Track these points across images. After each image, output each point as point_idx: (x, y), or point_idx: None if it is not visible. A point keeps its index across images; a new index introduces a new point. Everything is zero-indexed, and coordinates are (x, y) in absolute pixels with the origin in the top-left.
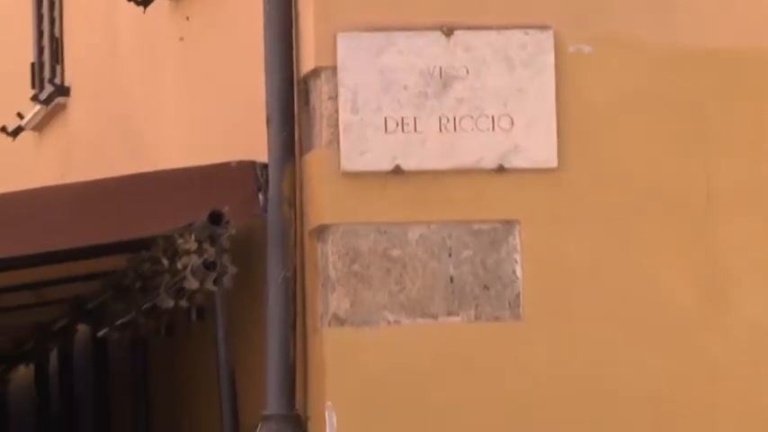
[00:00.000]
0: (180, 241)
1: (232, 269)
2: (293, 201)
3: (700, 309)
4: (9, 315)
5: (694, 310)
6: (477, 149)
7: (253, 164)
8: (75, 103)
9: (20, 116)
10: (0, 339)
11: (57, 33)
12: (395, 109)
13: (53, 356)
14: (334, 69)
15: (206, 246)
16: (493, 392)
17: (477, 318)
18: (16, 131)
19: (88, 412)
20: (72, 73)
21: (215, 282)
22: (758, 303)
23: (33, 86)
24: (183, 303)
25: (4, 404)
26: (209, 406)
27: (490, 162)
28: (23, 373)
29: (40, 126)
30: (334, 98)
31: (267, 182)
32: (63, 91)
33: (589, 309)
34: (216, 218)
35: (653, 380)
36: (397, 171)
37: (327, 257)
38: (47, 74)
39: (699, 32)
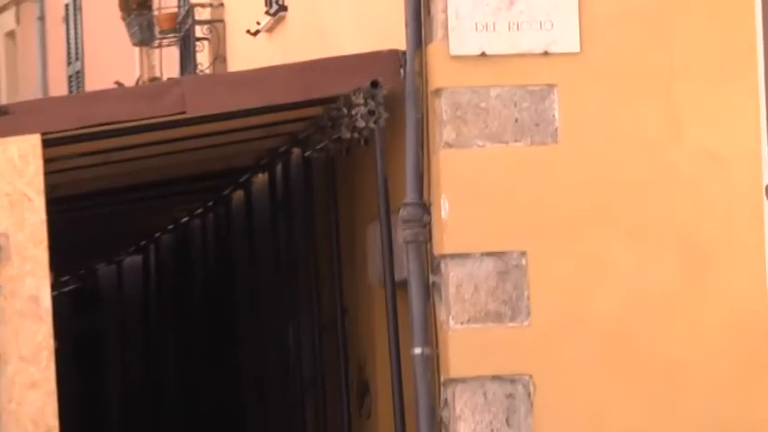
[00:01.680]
0: (353, 98)
1: (385, 114)
2: (421, 73)
3: (666, 136)
4: (252, 143)
5: (663, 137)
6: (531, 42)
7: (396, 51)
8: (291, 15)
9: (258, 23)
10: (247, 158)
11: None
12: (481, 17)
13: (278, 168)
14: None
15: (369, 101)
16: (541, 188)
17: (532, 143)
18: (255, 33)
19: (301, 202)
20: None
21: (375, 122)
22: (704, 133)
23: (266, 5)
24: (356, 135)
25: (251, 199)
26: (370, 196)
27: (539, 49)
28: (260, 179)
29: (270, 29)
30: (445, 11)
31: (405, 62)
32: (283, 8)
33: (599, 135)
34: (375, 84)
35: (634, 176)
36: (483, 55)
37: (442, 107)
38: None
39: None
